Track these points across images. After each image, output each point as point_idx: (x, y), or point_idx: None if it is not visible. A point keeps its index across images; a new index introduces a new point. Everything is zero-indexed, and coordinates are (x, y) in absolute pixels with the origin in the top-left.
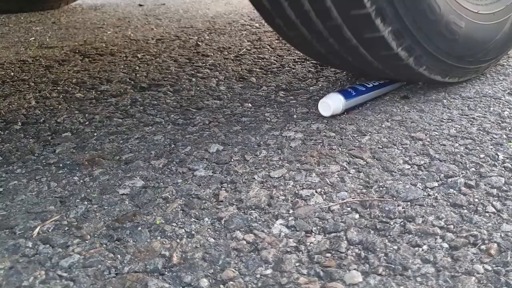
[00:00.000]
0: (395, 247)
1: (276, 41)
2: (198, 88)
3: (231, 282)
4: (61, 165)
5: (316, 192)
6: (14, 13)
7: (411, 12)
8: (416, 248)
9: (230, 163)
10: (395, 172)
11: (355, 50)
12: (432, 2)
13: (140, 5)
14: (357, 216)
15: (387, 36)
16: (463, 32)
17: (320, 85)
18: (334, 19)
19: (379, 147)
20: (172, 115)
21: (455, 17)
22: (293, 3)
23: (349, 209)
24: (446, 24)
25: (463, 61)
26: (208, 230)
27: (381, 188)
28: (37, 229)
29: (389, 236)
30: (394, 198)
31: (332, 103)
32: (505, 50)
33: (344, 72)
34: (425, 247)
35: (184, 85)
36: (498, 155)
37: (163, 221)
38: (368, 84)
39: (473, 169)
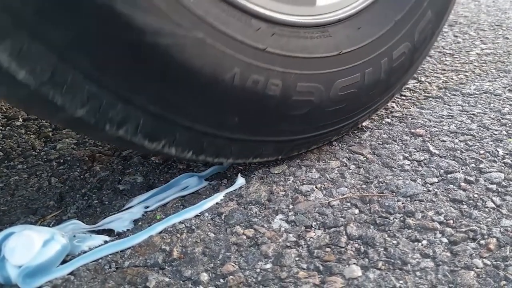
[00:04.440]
0: (395, 242)
1: None
2: None
3: (231, 277)
4: (61, 161)
5: (316, 187)
6: None
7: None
8: (416, 243)
9: None
10: (395, 168)
11: None
12: None
13: None
14: (357, 211)
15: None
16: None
17: None
18: None
19: (379, 143)
20: None
21: None
22: None
23: (349, 204)
24: None
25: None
26: (208, 225)
27: (381, 184)
28: (37, 224)
29: (388, 231)
30: (394, 194)
31: None
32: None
33: None
34: (424, 242)
35: None
36: (498, 151)
37: (164, 216)
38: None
39: (473, 165)
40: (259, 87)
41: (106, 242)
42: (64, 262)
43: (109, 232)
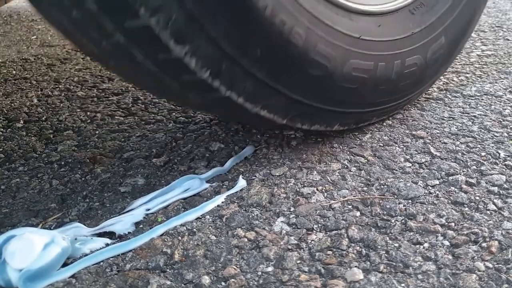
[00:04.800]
0: (396, 245)
1: None
2: None
3: (232, 280)
4: (63, 163)
5: (317, 190)
6: None
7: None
8: (417, 246)
9: None
10: (396, 170)
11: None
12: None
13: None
14: (358, 213)
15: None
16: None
17: None
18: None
19: (380, 145)
20: (174, 113)
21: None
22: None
23: (350, 206)
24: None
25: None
26: (210, 227)
27: (382, 186)
28: (39, 227)
29: (390, 234)
30: (395, 196)
31: None
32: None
33: None
34: (426, 244)
35: None
36: (499, 153)
37: (165, 219)
38: None
39: (474, 167)
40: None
41: (107, 244)
42: (65, 265)
43: (110, 234)
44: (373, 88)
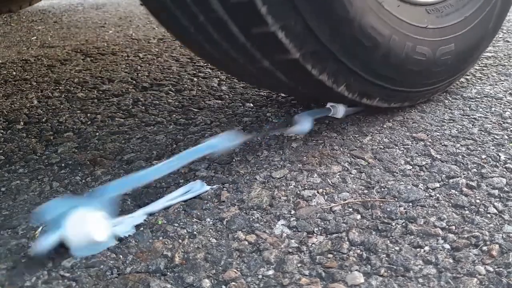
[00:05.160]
0: (397, 248)
1: None
2: (200, 88)
3: (233, 283)
4: (63, 164)
5: (318, 192)
6: None
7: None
8: (418, 249)
9: (232, 163)
10: (397, 173)
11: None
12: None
13: (142, 4)
14: (358, 217)
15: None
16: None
17: None
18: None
19: (380, 148)
20: (174, 115)
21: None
22: (198, 27)
23: (350, 209)
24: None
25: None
26: (210, 230)
27: (382, 189)
28: (39, 229)
29: (390, 237)
30: (396, 199)
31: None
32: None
33: None
34: (426, 248)
35: (186, 85)
36: (499, 156)
37: (165, 222)
38: None
39: (475, 169)
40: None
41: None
42: None
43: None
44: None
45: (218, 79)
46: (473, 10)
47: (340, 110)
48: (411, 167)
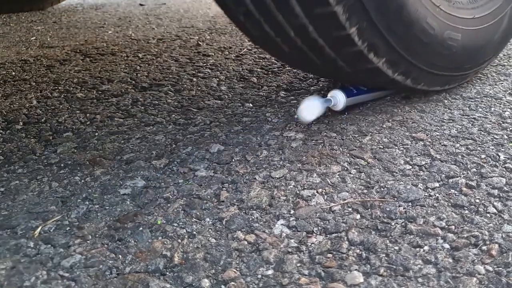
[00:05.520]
0: (396, 248)
1: None
2: (199, 88)
3: (232, 283)
4: (62, 165)
5: (317, 192)
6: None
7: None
8: (417, 249)
9: (231, 163)
10: (396, 173)
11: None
12: (425, 25)
13: (141, 4)
14: (358, 216)
15: (382, 66)
16: (460, 44)
17: (321, 85)
18: (327, 54)
19: (380, 148)
20: (173, 115)
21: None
22: (265, 15)
23: (350, 209)
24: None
25: (462, 69)
26: (209, 230)
27: (382, 189)
28: (38, 229)
29: (390, 237)
30: (395, 199)
31: (309, 108)
32: (502, 47)
33: None
34: (426, 247)
35: (185, 85)
36: (499, 156)
37: (165, 221)
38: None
39: (474, 169)
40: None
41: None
42: None
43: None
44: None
45: (218, 79)
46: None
47: (340, 101)
48: (410, 167)
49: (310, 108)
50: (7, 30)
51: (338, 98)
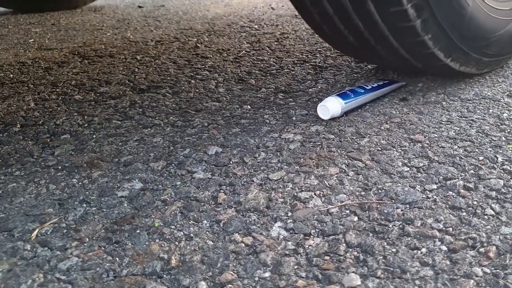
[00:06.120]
0: (394, 250)
1: (275, 43)
2: (197, 90)
3: (229, 285)
4: (60, 167)
5: (315, 194)
6: (35, 12)
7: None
8: (415, 251)
9: (229, 165)
10: (394, 175)
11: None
12: None
13: (140, 6)
14: (355, 218)
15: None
16: (469, 11)
17: (319, 87)
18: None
19: (378, 149)
20: (171, 117)
21: None
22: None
23: (348, 211)
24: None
25: (500, 55)
26: (207, 232)
27: (380, 191)
28: (35, 232)
29: (387, 239)
30: (393, 201)
31: (331, 107)
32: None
33: (344, 74)
34: (423, 249)
35: (183, 87)
36: (497, 158)
37: (162, 224)
38: (367, 86)
39: (472, 171)
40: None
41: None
42: None
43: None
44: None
45: (216, 81)
46: None
47: (333, 110)
48: (408, 168)
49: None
50: (5, 32)
51: (335, 107)
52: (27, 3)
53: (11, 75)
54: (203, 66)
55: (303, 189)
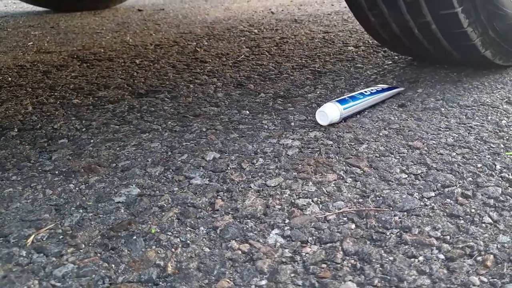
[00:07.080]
0: (391, 258)
1: (275, 47)
2: (196, 95)
3: None
4: (57, 172)
5: (313, 201)
6: (68, 12)
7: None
8: (412, 259)
9: (227, 171)
10: (392, 182)
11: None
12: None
13: (139, 10)
14: (353, 226)
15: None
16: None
17: (318, 92)
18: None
19: (376, 156)
20: (169, 122)
21: None
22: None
23: (345, 219)
24: None
25: None
26: (204, 239)
27: (377, 198)
28: (31, 238)
29: (385, 247)
30: (391, 208)
31: (329, 113)
32: None
33: (342, 79)
34: (421, 258)
35: (182, 92)
36: (495, 165)
37: (159, 230)
38: (366, 92)
39: (470, 178)
40: None
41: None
42: None
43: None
44: None
45: (214, 86)
46: None
47: (331, 116)
48: (406, 175)
49: (324, 114)
50: (4, 34)
51: (333, 113)
52: (64, 2)
53: (10, 79)
54: (202, 71)
55: (301, 196)
